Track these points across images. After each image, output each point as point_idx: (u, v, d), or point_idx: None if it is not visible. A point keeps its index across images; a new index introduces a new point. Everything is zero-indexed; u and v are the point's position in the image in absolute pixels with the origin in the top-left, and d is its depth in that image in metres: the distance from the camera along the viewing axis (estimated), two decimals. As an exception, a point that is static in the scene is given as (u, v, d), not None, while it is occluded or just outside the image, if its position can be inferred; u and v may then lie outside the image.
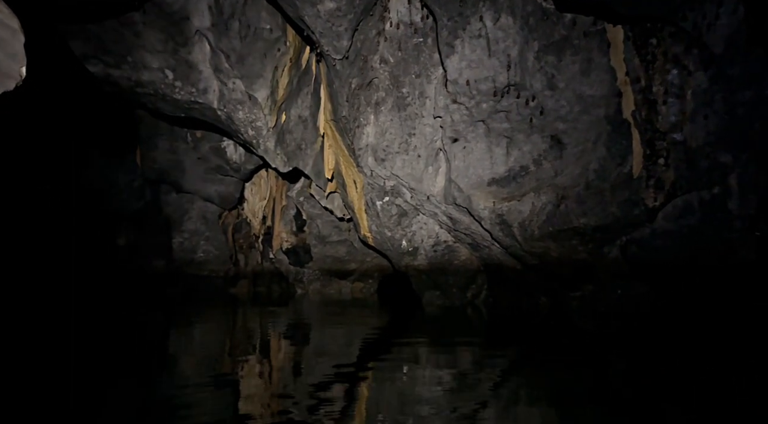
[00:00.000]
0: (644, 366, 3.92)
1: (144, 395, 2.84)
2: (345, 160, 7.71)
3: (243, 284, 15.20)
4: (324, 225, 12.00)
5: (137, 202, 13.83)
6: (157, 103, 7.66)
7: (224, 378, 3.28)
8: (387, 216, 8.14)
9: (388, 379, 3.43)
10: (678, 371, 3.65)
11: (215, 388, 2.93)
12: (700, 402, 2.92)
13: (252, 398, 2.78)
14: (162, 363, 3.82)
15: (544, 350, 4.77)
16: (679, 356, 4.22)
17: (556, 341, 5.30)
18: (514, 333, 5.94)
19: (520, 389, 3.31)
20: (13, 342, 4.77)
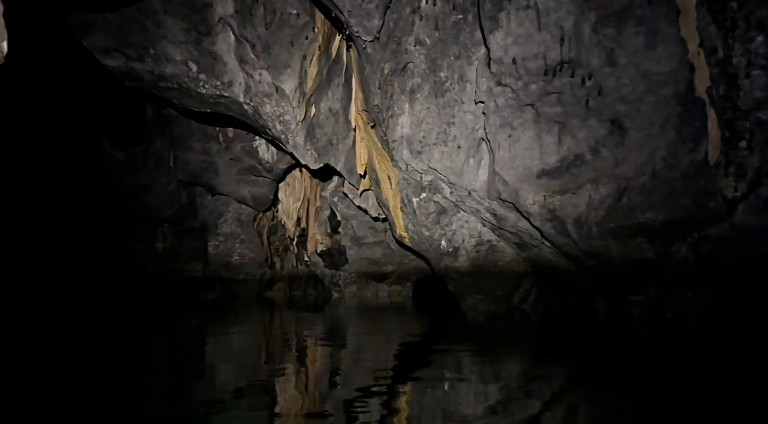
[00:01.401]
0: (725, 384, 3.17)
1: (182, 401, 2.75)
2: (378, 154, 7.13)
3: (279, 287, 14.90)
4: (359, 226, 11.49)
5: (173, 206, 13.76)
6: (183, 98, 7.31)
7: (259, 387, 3.09)
8: (424, 214, 7.50)
9: (429, 392, 3.03)
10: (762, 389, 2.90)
11: (250, 397, 2.80)
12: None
13: (287, 409, 2.62)
14: (199, 370, 3.69)
15: (602, 360, 4.10)
16: (762, 372, 3.42)
17: (616, 350, 4.58)
18: (568, 342, 5.20)
19: (579, 408, 2.77)
20: (53, 347, 4.74)
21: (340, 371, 3.73)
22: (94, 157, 12.88)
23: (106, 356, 4.37)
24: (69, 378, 3.37)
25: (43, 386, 3.17)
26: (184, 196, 13.80)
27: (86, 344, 4.99)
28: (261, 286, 14.38)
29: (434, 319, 7.59)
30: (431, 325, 6.98)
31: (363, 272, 12.17)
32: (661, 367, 3.76)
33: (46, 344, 5.02)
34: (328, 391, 3.09)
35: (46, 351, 4.64)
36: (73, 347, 4.82)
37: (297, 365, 3.91)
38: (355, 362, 4.09)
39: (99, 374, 3.53)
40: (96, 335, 5.74)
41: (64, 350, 4.60)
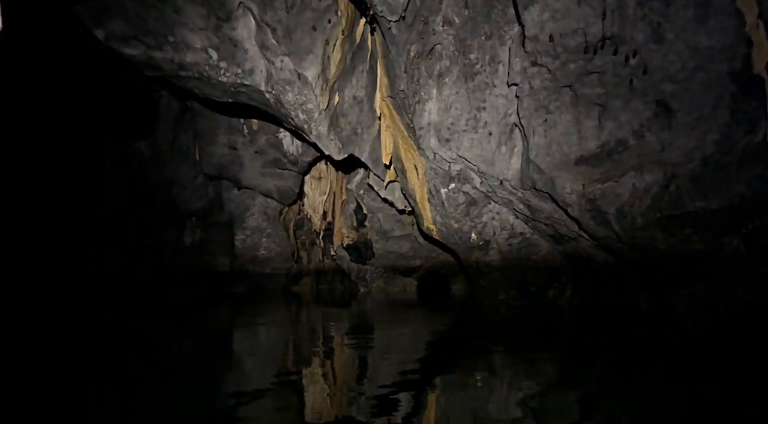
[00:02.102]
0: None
1: (210, 395, 2.72)
2: (404, 143, 6.81)
3: (306, 281, 14.79)
4: (385, 219, 11.20)
5: (201, 200, 13.75)
6: (204, 88, 7.12)
7: (286, 382, 3.03)
8: (453, 205, 7.15)
9: (459, 390, 2.86)
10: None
11: (277, 392, 2.75)
12: None
13: (313, 406, 2.53)
14: (227, 364, 3.64)
15: (645, 360, 3.73)
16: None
17: (661, 349, 4.19)
18: (608, 339, 4.81)
19: (622, 413, 2.49)
20: (85, 339, 4.77)
21: (368, 367, 3.56)
22: (120, 153, 12.90)
23: (138, 349, 4.37)
24: (103, 371, 3.36)
25: (84, 374, 3.27)
26: (211, 190, 13.78)
27: (120, 338, 4.99)
28: (288, 280, 14.29)
29: (464, 315, 7.25)
30: (461, 321, 6.64)
31: (390, 266, 11.89)
32: (710, 367, 3.36)
33: (82, 336, 5.08)
34: (354, 387, 2.95)
35: (83, 342, 4.70)
36: (108, 341, 4.81)
37: (324, 361, 3.77)
38: (382, 358, 3.90)
39: (132, 366, 3.54)
40: (128, 328, 5.78)
41: (99, 343, 4.60)
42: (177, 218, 14.39)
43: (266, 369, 3.44)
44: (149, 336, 5.30)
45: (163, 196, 13.46)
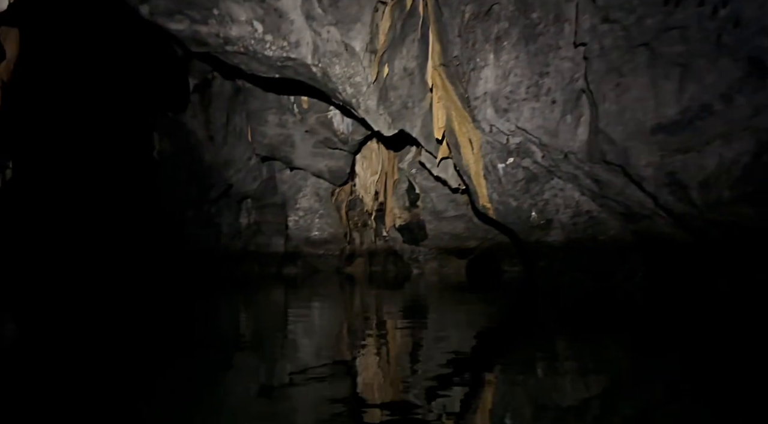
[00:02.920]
0: None
1: (266, 375, 2.67)
2: (458, 115, 6.36)
3: (359, 262, 14.66)
4: (439, 199, 10.79)
5: (255, 181, 13.86)
6: (250, 63, 6.93)
7: (340, 363, 2.95)
8: (511, 182, 6.66)
9: (518, 379, 2.59)
10: None
11: (331, 373, 2.66)
12: None
13: (367, 389, 2.43)
14: (282, 343, 3.61)
15: (724, 351, 3.23)
16: None
17: (741, 337, 3.64)
18: (682, 327, 4.26)
19: (702, 411, 2.16)
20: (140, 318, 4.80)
21: (421, 351, 3.35)
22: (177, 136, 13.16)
23: (198, 329, 4.39)
24: (166, 351, 3.37)
25: (151, 350, 3.33)
26: (265, 172, 13.85)
27: (182, 319, 5.03)
28: (341, 261, 14.21)
29: (523, 298, 6.80)
30: (520, 305, 6.21)
31: (444, 247, 11.51)
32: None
33: (148, 315, 5.18)
34: (408, 370, 2.79)
35: (151, 320, 4.80)
36: (169, 321, 4.82)
37: (377, 343, 3.61)
38: (436, 342, 3.64)
39: (192, 345, 3.54)
40: (188, 309, 5.85)
41: (161, 324, 4.61)
42: (233, 200, 14.63)
43: (321, 349, 3.35)
44: (210, 315, 5.40)
45: (218, 178, 13.66)
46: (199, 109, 12.40)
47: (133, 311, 5.38)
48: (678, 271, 6.66)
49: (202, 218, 15.14)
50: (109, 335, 3.95)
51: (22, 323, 4.32)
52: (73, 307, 5.63)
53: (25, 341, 3.64)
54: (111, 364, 2.92)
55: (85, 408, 2.16)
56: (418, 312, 5.56)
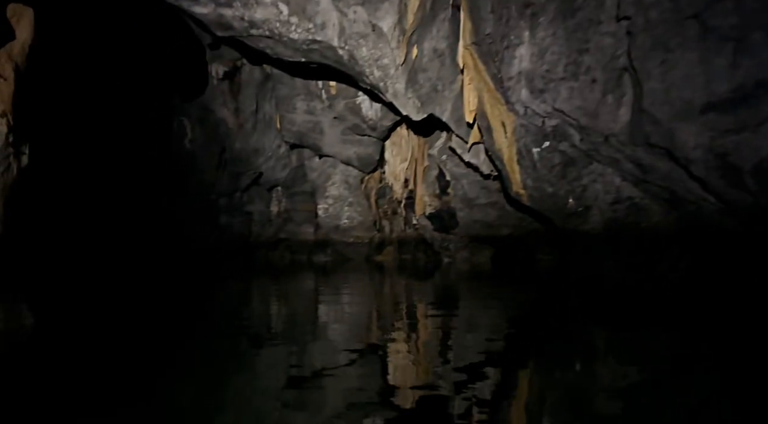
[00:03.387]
0: None
1: (296, 363, 2.64)
2: (490, 97, 6.07)
3: (388, 251, 14.51)
4: (470, 186, 10.49)
5: (285, 169, 13.86)
6: (276, 47, 6.79)
7: (369, 351, 2.89)
8: (547, 167, 6.34)
9: (553, 373, 2.49)
10: None
11: (360, 361, 2.63)
12: None
13: (397, 378, 2.39)
14: (312, 331, 3.61)
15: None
16: None
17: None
18: (732, 321, 3.94)
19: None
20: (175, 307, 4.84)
21: (451, 341, 3.22)
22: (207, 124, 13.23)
23: (231, 315, 4.39)
24: (198, 337, 3.39)
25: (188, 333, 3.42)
26: (295, 160, 13.82)
27: (216, 306, 5.08)
28: (370, 249, 14.10)
29: (558, 288, 6.51)
30: (555, 295, 5.94)
31: (475, 235, 11.23)
32: None
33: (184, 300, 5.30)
34: (438, 360, 2.72)
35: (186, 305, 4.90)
36: (203, 308, 4.88)
37: (407, 332, 3.50)
38: (467, 333, 3.50)
39: (225, 332, 3.55)
40: (222, 296, 5.92)
41: (195, 310, 4.68)
42: (264, 188, 14.68)
43: (351, 338, 3.30)
44: (243, 302, 5.44)
45: (249, 166, 13.70)
46: (228, 97, 12.41)
47: (169, 298, 5.43)
48: (726, 262, 6.24)
49: (235, 206, 15.27)
50: (145, 320, 3.99)
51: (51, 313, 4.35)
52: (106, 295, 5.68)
53: (60, 329, 3.64)
54: (144, 349, 2.94)
55: (119, 392, 2.17)
56: (449, 302, 5.39)
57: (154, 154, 13.26)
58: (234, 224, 15.60)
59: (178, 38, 9.62)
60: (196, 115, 13.55)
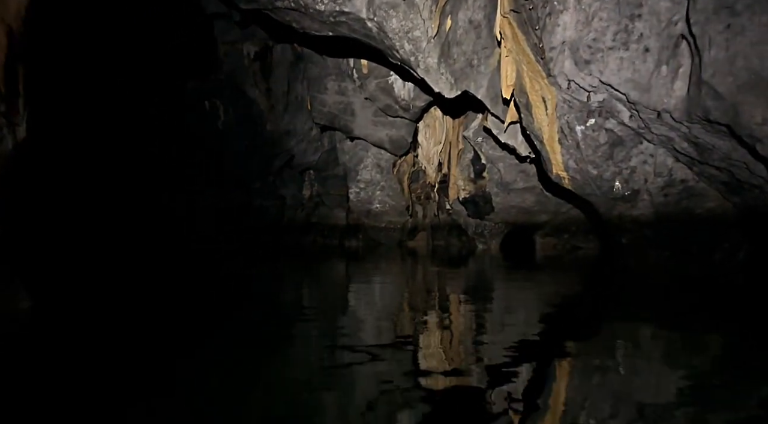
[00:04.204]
0: None
1: (326, 349, 2.59)
2: (530, 70, 5.60)
3: (421, 236, 14.20)
4: (507, 169, 10.03)
5: (317, 152, 13.67)
6: (302, 20, 6.47)
7: (401, 339, 2.79)
8: (592, 146, 5.85)
9: (593, 367, 2.25)
10: None
11: (391, 349, 2.53)
12: None
13: (428, 367, 2.28)
14: (343, 317, 3.54)
15: None
16: None
17: None
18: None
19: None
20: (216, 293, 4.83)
21: (486, 331, 3.03)
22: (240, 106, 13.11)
23: (262, 300, 4.35)
24: (231, 320, 3.38)
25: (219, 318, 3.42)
26: (327, 142, 13.62)
27: (249, 290, 5.05)
28: (403, 235, 13.82)
29: (602, 278, 6.05)
30: (598, 285, 5.49)
31: (511, 222, 10.77)
32: None
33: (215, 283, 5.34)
34: (471, 354, 2.53)
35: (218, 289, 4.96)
36: (236, 291, 4.88)
37: (440, 320, 3.33)
38: (504, 324, 3.24)
39: (256, 317, 3.52)
40: (255, 280, 5.88)
41: (229, 294, 4.68)
42: (295, 171, 14.56)
43: (381, 325, 3.19)
44: (275, 286, 5.39)
45: (280, 148, 13.56)
46: (260, 77, 12.25)
47: (200, 282, 5.43)
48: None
49: (267, 189, 15.24)
50: (180, 301, 4.07)
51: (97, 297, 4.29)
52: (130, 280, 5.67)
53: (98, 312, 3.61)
54: (180, 329, 3.00)
55: (154, 370, 2.19)
56: (483, 290, 5.10)
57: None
58: (267, 208, 15.59)
59: (185, 21, 9.38)
60: (229, 97, 13.46)
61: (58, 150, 11.66)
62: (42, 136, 5.30)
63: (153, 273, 6.08)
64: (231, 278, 5.81)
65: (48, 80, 9.06)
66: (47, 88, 8.56)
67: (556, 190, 8.24)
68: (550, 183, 7.40)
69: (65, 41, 9.77)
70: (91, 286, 4.84)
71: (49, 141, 10.54)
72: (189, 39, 10.66)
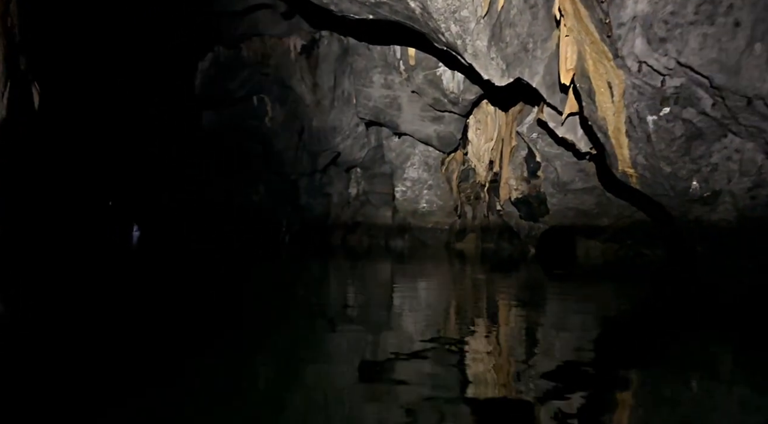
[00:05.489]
0: None
1: (370, 351, 2.55)
2: (593, 50, 4.90)
3: (470, 238, 13.55)
4: (564, 168, 9.24)
5: (363, 149, 13.33)
6: (341, 3, 6.04)
7: (445, 346, 2.61)
8: (666, 140, 5.07)
9: (663, 390, 1.93)
10: None
11: (434, 356, 2.40)
12: None
13: (473, 377, 2.10)
14: (387, 319, 3.42)
15: None
16: None
17: None
18: None
19: None
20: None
21: (537, 344, 2.78)
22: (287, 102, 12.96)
23: (307, 298, 4.36)
24: (276, 316, 3.41)
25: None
26: (373, 139, 13.24)
27: (295, 287, 5.04)
28: (450, 236, 13.24)
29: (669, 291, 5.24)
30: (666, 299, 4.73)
31: (569, 225, 9.93)
32: None
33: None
34: (521, 364, 2.35)
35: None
36: (283, 289, 4.88)
37: (488, 329, 3.11)
38: (557, 338, 2.90)
39: (299, 315, 3.48)
40: (303, 277, 5.90)
41: (278, 291, 4.70)
42: (342, 168, 14.29)
43: (425, 330, 3.01)
44: (321, 285, 5.37)
45: (326, 145, 13.31)
46: (306, 72, 12.00)
47: (246, 279, 5.44)
48: None
49: (315, 187, 15.10)
50: (227, 299, 4.09)
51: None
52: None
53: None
54: (225, 327, 2.98)
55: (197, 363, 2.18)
56: (536, 298, 4.63)
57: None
58: (314, 206, 15.45)
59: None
60: (276, 93, 13.34)
61: (70, 143, 11.80)
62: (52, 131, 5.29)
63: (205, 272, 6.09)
64: (277, 277, 5.80)
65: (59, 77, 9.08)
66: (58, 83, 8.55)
67: (619, 190, 7.43)
68: (612, 183, 6.64)
69: (74, 41, 9.80)
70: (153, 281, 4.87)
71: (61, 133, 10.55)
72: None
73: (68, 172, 12.89)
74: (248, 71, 12.80)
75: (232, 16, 9.84)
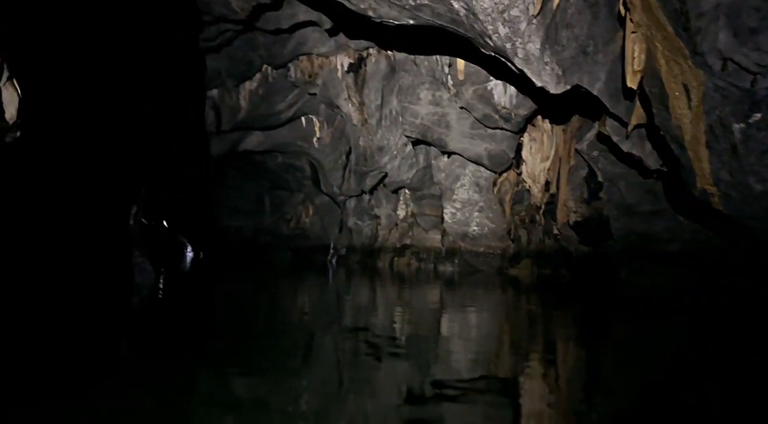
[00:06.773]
0: None
1: (415, 382, 2.43)
2: (666, 48, 4.23)
3: (525, 264, 12.72)
4: (629, 189, 8.45)
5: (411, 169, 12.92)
6: (379, 7, 5.65)
7: (497, 379, 2.49)
8: (755, 152, 4.28)
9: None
10: None
11: (486, 389, 2.28)
12: None
13: (529, 414, 2.02)
14: (434, 347, 3.32)
15: None
16: None
17: None
18: None
19: None
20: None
21: (600, 380, 2.64)
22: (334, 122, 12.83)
23: (352, 324, 4.20)
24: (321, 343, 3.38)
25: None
26: (422, 159, 12.83)
27: (341, 311, 5.02)
28: (503, 261, 12.47)
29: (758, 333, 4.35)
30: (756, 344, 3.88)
31: (634, 250, 9.01)
32: None
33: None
34: (582, 401, 2.23)
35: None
36: (327, 313, 4.85)
37: (544, 362, 2.93)
38: (621, 374, 2.71)
39: (345, 342, 3.40)
40: (348, 301, 5.86)
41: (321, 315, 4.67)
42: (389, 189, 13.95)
43: (475, 363, 2.88)
44: (367, 310, 5.26)
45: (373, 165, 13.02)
46: (353, 90, 11.79)
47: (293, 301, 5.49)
48: None
49: (363, 208, 14.88)
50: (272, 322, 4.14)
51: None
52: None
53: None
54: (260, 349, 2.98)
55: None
56: (597, 331, 4.19)
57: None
58: (362, 228, 15.18)
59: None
60: (324, 113, 13.24)
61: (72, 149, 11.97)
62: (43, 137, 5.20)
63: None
64: (327, 300, 5.85)
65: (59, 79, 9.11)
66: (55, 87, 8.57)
67: (693, 212, 6.55)
68: (683, 204, 5.81)
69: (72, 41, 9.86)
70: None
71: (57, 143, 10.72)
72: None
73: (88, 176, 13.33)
74: (297, 91, 12.78)
75: (276, 34, 9.75)
